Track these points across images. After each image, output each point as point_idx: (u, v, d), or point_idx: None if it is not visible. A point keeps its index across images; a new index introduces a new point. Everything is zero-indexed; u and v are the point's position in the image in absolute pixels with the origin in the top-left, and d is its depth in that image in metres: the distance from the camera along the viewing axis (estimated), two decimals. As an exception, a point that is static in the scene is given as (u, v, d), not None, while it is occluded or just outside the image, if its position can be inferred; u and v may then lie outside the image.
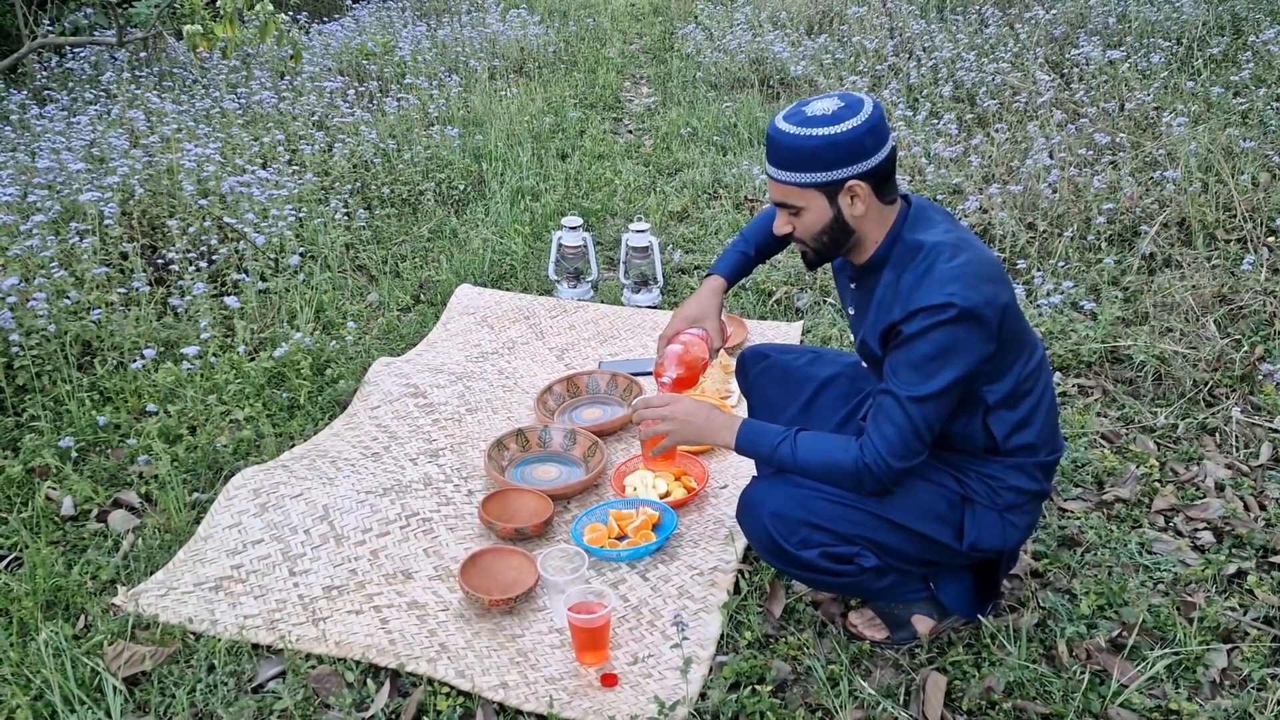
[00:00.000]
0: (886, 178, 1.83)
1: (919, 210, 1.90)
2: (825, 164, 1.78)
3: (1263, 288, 3.26)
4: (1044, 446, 1.93)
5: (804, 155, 1.78)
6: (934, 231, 1.84)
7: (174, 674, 2.05)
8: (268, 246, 3.72)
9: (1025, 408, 1.88)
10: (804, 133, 1.77)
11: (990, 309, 1.73)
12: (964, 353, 1.74)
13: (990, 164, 4.29)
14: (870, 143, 1.77)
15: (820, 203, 1.84)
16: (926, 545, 1.94)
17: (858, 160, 1.77)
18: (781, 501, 1.91)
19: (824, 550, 1.91)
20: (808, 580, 2.02)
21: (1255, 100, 4.47)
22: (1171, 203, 3.71)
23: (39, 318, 3.07)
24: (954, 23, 6.34)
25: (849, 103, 1.79)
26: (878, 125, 1.78)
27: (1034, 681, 1.94)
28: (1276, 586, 2.17)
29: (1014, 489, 1.92)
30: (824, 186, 1.81)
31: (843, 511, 1.89)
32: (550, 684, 1.98)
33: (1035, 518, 1.99)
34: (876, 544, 1.92)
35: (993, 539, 1.92)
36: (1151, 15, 5.74)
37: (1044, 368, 1.95)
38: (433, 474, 2.68)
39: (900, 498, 1.89)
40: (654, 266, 3.69)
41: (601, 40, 7.87)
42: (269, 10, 4.97)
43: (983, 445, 1.91)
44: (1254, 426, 2.72)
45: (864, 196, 1.82)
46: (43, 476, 2.72)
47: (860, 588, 2.00)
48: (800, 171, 1.81)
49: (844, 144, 1.76)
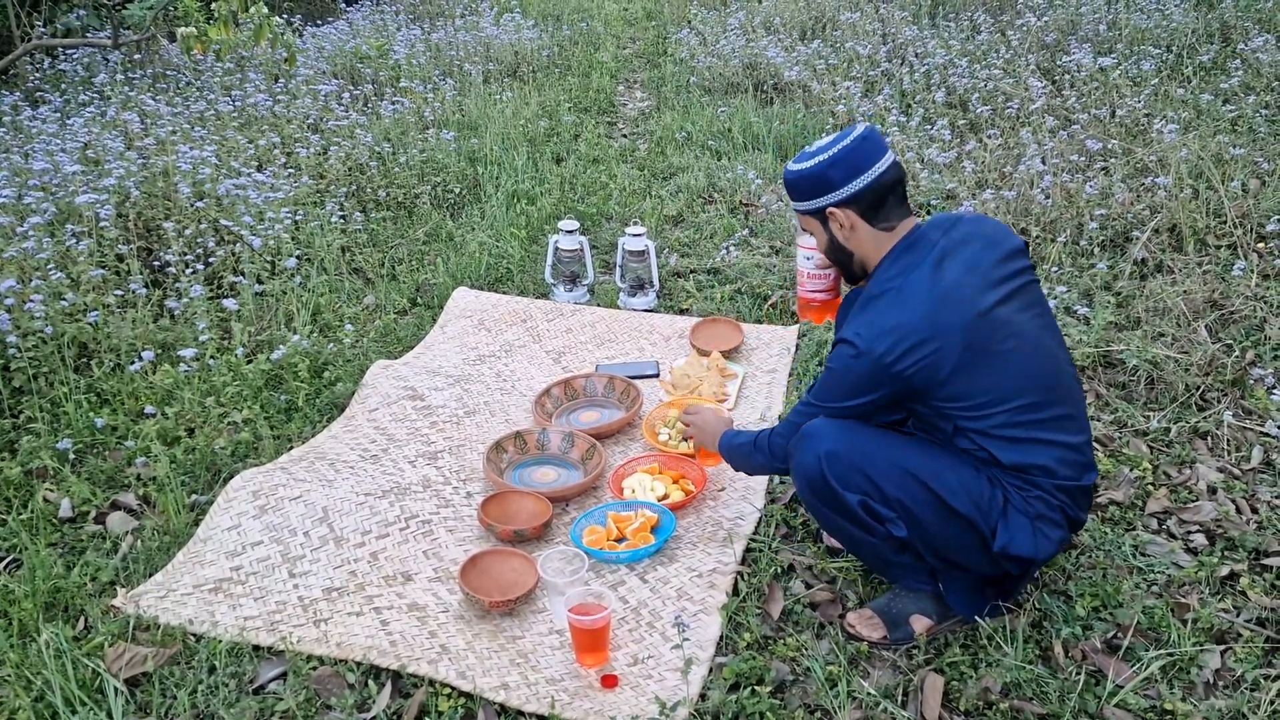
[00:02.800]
0: (875, 204, 2.01)
1: (911, 243, 2.00)
2: (804, 195, 2.06)
3: (1253, 293, 3.29)
4: (1060, 472, 1.94)
5: (791, 188, 2.09)
6: (895, 269, 1.98)
7: (175, 675, 2.05)
8: (264, 249, 3.72)
9: (1020, 432, 1.92)
10: (792, 168, 2.07)
11: (881, 349, 1.88)
12: (850, 379, 1.96)
13: (983, 169, 4.32)
14: (837, 175, 1.99)
15: (817, 227, 2.10)
16: (958, 536, 1.95)
17: (827, 191, 2.01)
18: (840, 441, 1.98)
19: (864, 499, 1.96)
20: (835, 529, 2.07)
21: (1245, 107, 4.51)
22: (1163, 209, 3.75)
23: (36, 320, 3.06)
24: (946, 29, 6.38)
25: (834, 139, 2.02)
26: (846, 159, 1.99)
27: (1031, 682, 1.96)
28: (1269, 588, 2.20)
29: (1041, 499, 1.95)
30: (813, 214, 2.08)
31: (894, 471, 1.95)
32: (551, 685, 1.99)
33: (1066, 534, 1.99)
34: (913, 518, 1.95)
35: (1024, 545, 1.93)
36: (1142, 23, 5.78)
37: (1057, 401, 1.95)
38: (431, 476, 2.69)
39: (947, 472, 1.94)
40: (650, 270, 3.71)
41: (595, 44, 7.89)
42: (263, 13, 4.98)
43: (988, 460, 1.95)
44: (1245, 430, 2.75)
45: (850, 221, 2.03)
46: (41, 478, 2.72)
47: (877, 556, 2.07)
48: (795, 201, 2.11)
49: (812, 177, 2.02)
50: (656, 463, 2.69)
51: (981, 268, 1.94)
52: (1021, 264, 2.01)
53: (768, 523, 2.47)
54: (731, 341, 3.32)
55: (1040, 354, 1.96)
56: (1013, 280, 1.97)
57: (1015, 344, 1.91)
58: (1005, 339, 1.91)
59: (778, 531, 2.44)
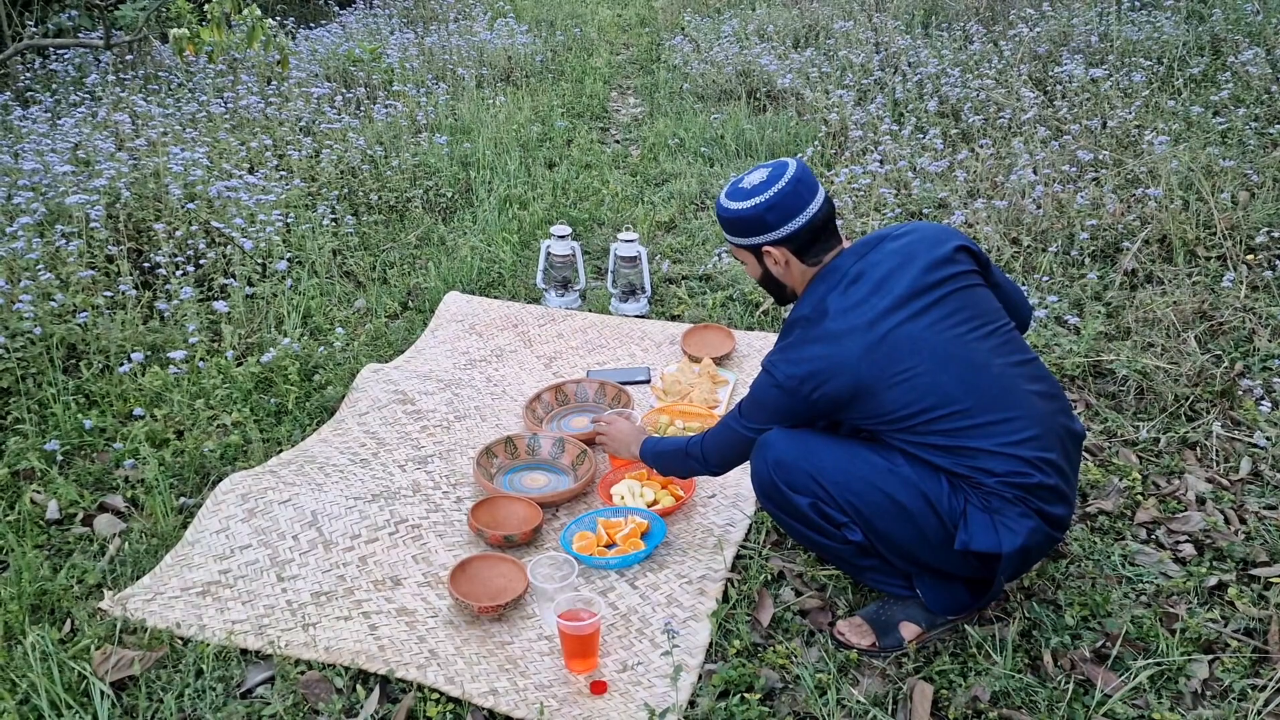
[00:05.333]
0: (808, 243, 2.07)
1: (826, 273, 2.06)
2: (739, 232, 2.12)
3: (1242, 304, 3.31)
4: (1002, 470, 1.93)
5: (727, 224, 2.13)
6: (808, 301, 2.06)
7: (162, 679, 2.04)
8: (255, 251, 3.71)
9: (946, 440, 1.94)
10: (726, 204, 2.11)
11: (793, 383, 1.97)
12: (771, 404, 2.06)
13: (975, 179, 4.34)
14: (772, 218, 2.05)
15: (751, 260, 2.16)
16: (917, 536, 1.96)
17: (762, 232, 2.07)
18: (789, 449, 2.05)
19: (815, 502, 2.02)
20: (799, 534, 2.11)
21: (1235, 120, 4.54)
22: (1153, 220, 3.76)
23: (24, 320, 3.05)
24: (939, 38, 6.40)
25: (766, 179, 2.06)
26: (780, 204, 2.04)
27: (1020, 691, 1.97)
28: (1256, 599, 2.20)
29: (994, 495, 1.94)
30: (748, 249, 2.13)
31: (843, 476, 1.99)
32: (540, 691, 1.99)
33: (1037, 523, 1.95)
34: (866, 521, 1.98)
35: (985, 541, 1.93)
36: (1133, 35, 5.81)
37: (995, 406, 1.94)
38: (421, 481, 2.68)
39: (898, 471, 1.96)
40: (642, 276, 3.71)
41: (589, 50, 7.90)
42: (256, 15, 4.96)
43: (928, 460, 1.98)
44: (1234, 441, 2.76)
45: (782, 259, 2.10)
46: (28, 480, 2.70)
47: (846, 562, 2.13)
48: (730, 235, 2.16)
49: (749, 219, 2.07)
50: (645, 469, 2.69)
51: (892, 289, 1.96)
52: (949, 271, 2.00)
53: (758, 529, 2.47)
54: (723, 348, 3.32)
55: (959, 364, 1.93)
56: (933, 291, 1.97)
57: (918, 362, 1.91)
58: (907, 359, 1.91)
59: (768, 538, 2.44)
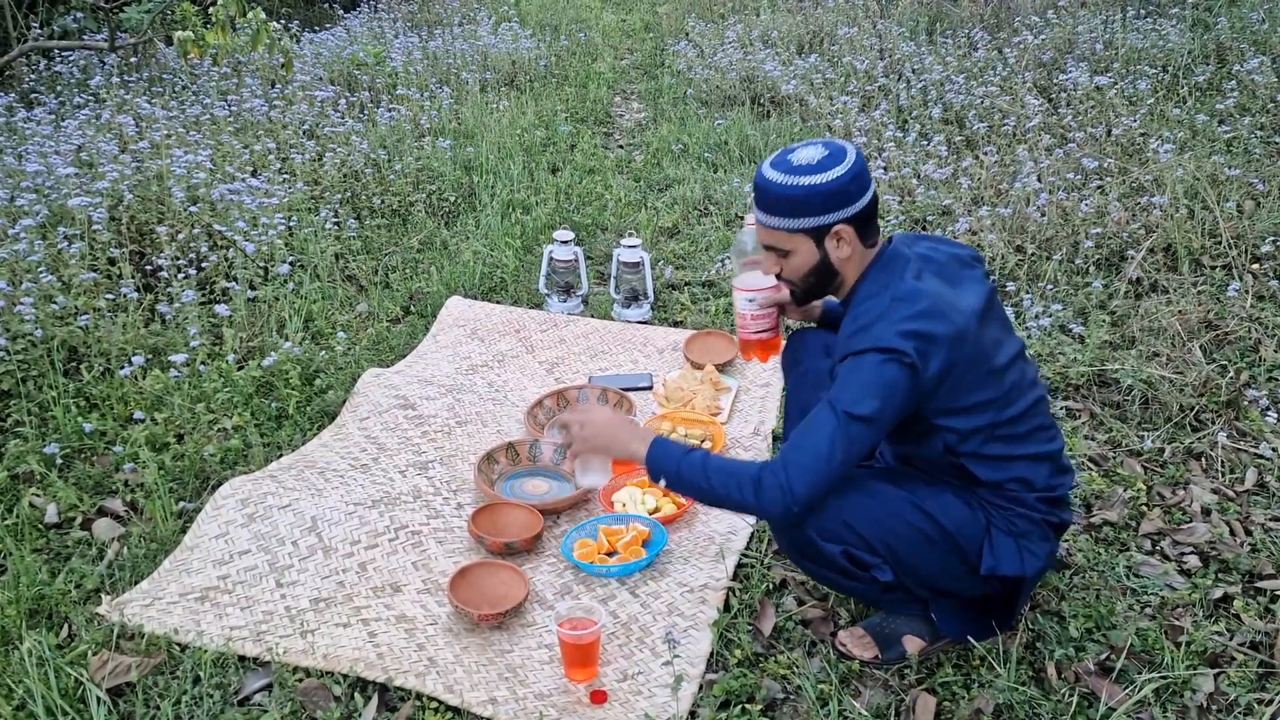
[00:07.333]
0: (869, 221, 1.92)
1: (890, 257, 1.93)
2: (813, 210, 1.87)
3: (1247, 314, 3.29)
4: (1038, 482, 1.93)
5: (794, 202, 1.87)
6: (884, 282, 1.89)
7: (159, 685, 2.03)
8: (257, 255, 3.70)
9: (1001, 448, 1.91)
10: (792, 181, 1.86)
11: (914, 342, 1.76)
12: (891, 390, 1.78)
13: (979, 186, 4.32)
14: (854, 189, 1.86)
15: (808, 246, 1.92)
16: (944, 565, 1.94)
17: (843, 206, 1.87)
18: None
19: (846, 549, 1.91)
20: (818, 576, 2.04)
21: (1240, 128, 4.52)
22: (1158, 228, 3.75)
23: (25, 322, 3.04)
24: (943, 45, 6.39)
25: (833, 150, 1.88)
26: (861, 173, 1.87)
27: (1023, 703, 1.95)
28: (1262, 611, 2.19)
29: (1023, 517, 1.94)
30: (812, 231, 1.90)
31: (874, 513, 1.89)
32: (540, 700, 1.97)
33: (1054, 545, 1.99)
34: (897, 558, 1.92)
35: (1010, 565, 1.92)
36: (1138, 42, 5.80)
37: (1034, 413, 1.95)
38: (422, 486, 2.67)
39: (926, 502, 1.91)
40: (645, 282, 3.70)
41: (593, 55, 7.90)
42: (261, 18, 4.97)
43: (969, 478, 1.94)
44: (1239, 451, 2.75)
45: (849, 240, 1.90)
46: (27, 483, 2.69)
47: (866, 596, 2.08)
48: (790, 217, 1.89)
49: (830, 191, 1.85)
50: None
51: (963, 281, 1.93)
52: (981, 271, 2.01)
53: (760, 538, 2.46)
54: (726, 355, 3.31)
55: (1015, 370, 1.94)
56: (990, 294, 1.97)
57: (1004, 355, 1.90)
58: (995, 348, 1.90)
59: (770, 547, 2.42)
